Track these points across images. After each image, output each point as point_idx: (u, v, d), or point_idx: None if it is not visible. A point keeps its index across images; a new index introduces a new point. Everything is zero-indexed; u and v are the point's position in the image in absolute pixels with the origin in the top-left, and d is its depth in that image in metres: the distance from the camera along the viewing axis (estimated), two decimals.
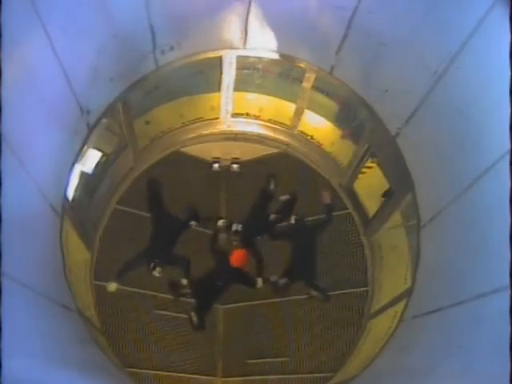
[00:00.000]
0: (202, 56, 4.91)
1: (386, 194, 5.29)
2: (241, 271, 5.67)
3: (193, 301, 5.83)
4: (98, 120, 4.60)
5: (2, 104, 2.62)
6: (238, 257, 5.61)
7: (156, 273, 5.75)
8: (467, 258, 3.50)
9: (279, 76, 5.41)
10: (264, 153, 6.46)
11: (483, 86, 3.18)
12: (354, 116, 5.35)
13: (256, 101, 5.89)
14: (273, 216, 6.08)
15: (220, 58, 5.08)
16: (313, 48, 4.68)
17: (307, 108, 5.73)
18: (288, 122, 6.06)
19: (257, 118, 6.12)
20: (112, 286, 5.67)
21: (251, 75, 5.45)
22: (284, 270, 5.88)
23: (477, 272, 3.30)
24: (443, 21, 3.37)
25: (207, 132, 6.19)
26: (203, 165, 6.51)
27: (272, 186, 6.26)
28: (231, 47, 4.92)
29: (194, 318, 5.63)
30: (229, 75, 5.38)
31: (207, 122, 6.10)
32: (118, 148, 5.44)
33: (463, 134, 3.51)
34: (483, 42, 3.09)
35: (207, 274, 5.76)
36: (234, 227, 6.01)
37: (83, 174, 4.80)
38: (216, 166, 6.51)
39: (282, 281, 5.80)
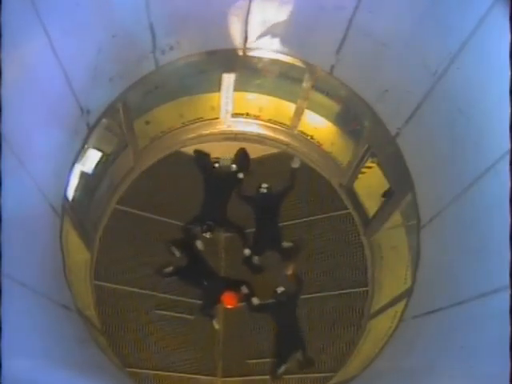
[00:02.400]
0: (202, 56, 4.92)
1: (386, 194, 5.29)
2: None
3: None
4: (98, 120, 4.60)
5: (2, 104, 2.62)
6: (230, 298, 5.75)
7: (207, 235, 6.05)
8: (467, 258, 3.50)
9: (279, 76, 5.40)
10: (264, 153, 6.46)
11: (483, 86, 3.18)
12: (354, 116, 5.35)
13: (256, 101, 5.89)
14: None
15: (220, 58, 5.08)
16: (313, 48, 4.68)
17: (307, 108, 5.73)
18: (288, 122, 6.06)
19: (257, 117, 6.12)
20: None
21: (251, 75, 5.45)
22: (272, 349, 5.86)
23: (477, 272, 3.30)
24: (443, 21, 3.37)
25: (207, 132, 6.19)
26: None
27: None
28: (231, 47, 4.92)
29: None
30: (229, 75, 5.38)
31: (207, 121, 6.10)
32: (118, 148, 5.44)
33: (463, 133, 3.51)
34: (483, 41, 3.09)
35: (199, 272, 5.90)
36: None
37: (83, 174, 4.80)
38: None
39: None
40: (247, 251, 6.06)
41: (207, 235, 6.09)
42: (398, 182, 4.84)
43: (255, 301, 5.82)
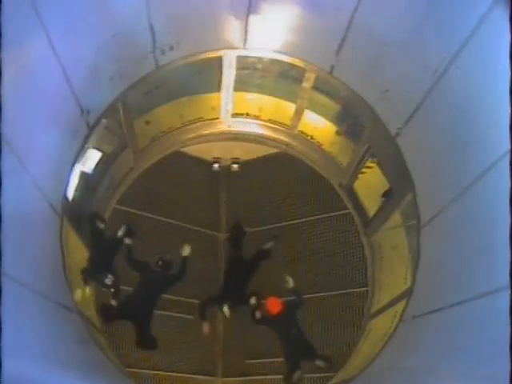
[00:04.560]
0: (202, 56, 4.92)
1: (386, 194, 5.29)
2: (286, 307, 5.57)
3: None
4: (98, 120, 4.61)
5: (2, 104, 2.62)
6: (274, 304, 5.52)
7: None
8: (467, 258, 3.50)
9: (279, 76, 5.40)
10: (264, 153, 6.46)
11: (483, 86, 3.18)
12: (354, 116, 5.35)
13: (256, 101, 5.89)
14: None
15: (220, 58, 5.08)
16: (313, 48, 4.68)
17: (307, 108, 5.73)
18: (288, 122, 6.06)
19: (257, 117, 6.12)
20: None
21: (251, 75, 5.45)
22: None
23: (477, 272, 3.30)
24: (443, 20, 3.37)
25: (207, 132, 6.19)
26: (203, 165, 6.51)
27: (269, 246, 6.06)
28: (231, 47, 4.93)
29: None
30: (229, 75, 5.39)
31: (207, 121, 6.10)
32: (118, 148, 5.44)
33: (463, 133, 3.51)
34: (483, 41, 3.09)
35: (282, 341, 5.56)
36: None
37: (83, 174, 4.80)
38: (216, 166, 6.51)
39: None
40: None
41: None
42: (398, 182, 4.85)
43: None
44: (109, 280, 5.43)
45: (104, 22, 3.83)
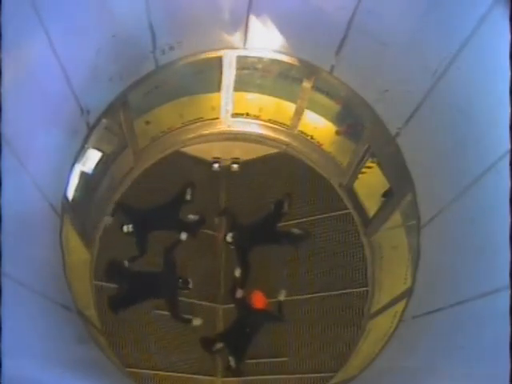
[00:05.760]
0: (202, 56, 4.92)
1: (386, 194, 5.29)
2: (265, 311, 5.66)
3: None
4: (98, 120, 4.61)
5: (2, 104, 2.62)
6: (258, 299, 5.62)
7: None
8: (467, 258, 3.51)
9: (279, 76, 5.40)
10: (264, 153, 6.46)
11: (483, 86, 3.18)
12: (354, 116, 5.35)
13: (256, 101, 5.89)
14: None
15: (220, 58, 5.08)
16: (313, 48, 4.68)
17: (307, 108, 5.73)
18: (288, 122, 6.06)
19: (257, 117, 6.12)
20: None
21: (251, 75, 5.45)
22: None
23: (477, 272, 3.30)
24: (443, 21, 3.37)
25: (207, 132, 6.19)
26: (203, 165, 6.51)
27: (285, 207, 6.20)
28: (231, 47, 4.93)
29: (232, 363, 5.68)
30: (229, 75, 5.39)
31: (207, 121, 6.10)
32: (118, 148, 5.44)
33: (463, 133, 3.51)
34: (483, 41, 3.09)
35: (235, 323, 5.72)
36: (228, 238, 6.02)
37: (83, 174, 4.80)
38: (216, 166, 6.52)
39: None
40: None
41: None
42: (398, 182, 4.85)
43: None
44: (126, 228, 5.75)
45: (104, 22, 3.83)
